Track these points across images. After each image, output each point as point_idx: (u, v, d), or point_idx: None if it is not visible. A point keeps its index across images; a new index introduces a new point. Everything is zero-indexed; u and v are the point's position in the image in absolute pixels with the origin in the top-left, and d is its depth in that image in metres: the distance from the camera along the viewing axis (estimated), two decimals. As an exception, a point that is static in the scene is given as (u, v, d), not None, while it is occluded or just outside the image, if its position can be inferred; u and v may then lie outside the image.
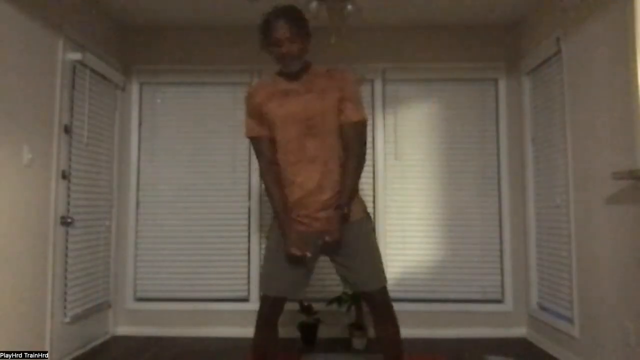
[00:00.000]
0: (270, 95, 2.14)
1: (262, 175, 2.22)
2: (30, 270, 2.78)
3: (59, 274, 3.07)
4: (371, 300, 2.18)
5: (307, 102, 2.09)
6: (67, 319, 3.16)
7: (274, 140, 2.15)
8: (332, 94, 2.09)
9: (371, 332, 3.64)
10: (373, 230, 2.23)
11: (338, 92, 2.10)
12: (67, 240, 3.19)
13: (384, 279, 2.16)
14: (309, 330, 3.55)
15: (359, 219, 2.14)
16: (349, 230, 2.10)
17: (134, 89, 4.02)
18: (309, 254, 2.05)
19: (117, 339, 3.71)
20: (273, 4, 2.28)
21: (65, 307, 3.16)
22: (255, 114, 2.16)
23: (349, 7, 3.08)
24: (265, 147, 2.17)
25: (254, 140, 2.20)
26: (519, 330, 3.78)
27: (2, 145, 2.54)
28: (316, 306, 3.65)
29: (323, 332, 3.70)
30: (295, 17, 2.10)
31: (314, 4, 3.05)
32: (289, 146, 2.11)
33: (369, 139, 3.88)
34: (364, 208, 2.21)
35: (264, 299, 2.17)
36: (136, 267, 3.91)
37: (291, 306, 3.75)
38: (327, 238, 2.05)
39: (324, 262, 2.27)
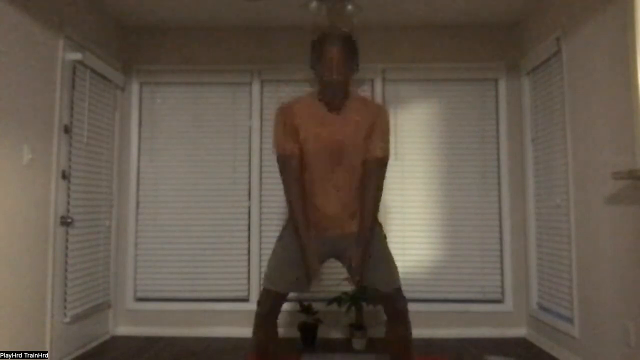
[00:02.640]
0: (308, 119, 2.14)
1: (287, 190, 2.17)
2: (30, 270, 2.78)
3: (59, 274, 3.07)
4: (385, 301, 2.20)
5: (341, 134, 2.13)
6: (67, 319, 3.16)
7: (302, 160, 2.17)
8: (365, 128, 2.14)
9: (371, 332, 3.64)
10: (385, 237, 2.25)
11: (370, 126, 2.14)
12: (67, 240, 3.19)
13: (397, 282, 2.19)
14: (309, 330, 3.55)
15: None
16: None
17: (134, 89, 4.02)
18: (319, 277, 2.15)
19: (117, 339, 3.71)
20: (272, 4, 2.27)
21: (65, 307, 3.16)
22: (292, 132, 2.14)
23: (349, 7, 3.08)
24: (296, 165, 2.15)
25: (286, 158, 2.16)
26: (519, 330, 3.78)
27: (2, 145, 2.54)
28: (316, 306, 3.65)
29: (323, 332, 3.71)
30: (351, 46, 2.12)
31: (314, 4, 3.05)
32: (318, 172, 2.15)
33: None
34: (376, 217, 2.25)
35: (268, 296, 2.18)
36: (136, 267, 3.91)
37: (291, 306, 3.75)
38: (351, 277, 2.15)
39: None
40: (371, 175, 2.14)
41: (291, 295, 2.45)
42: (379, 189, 2.16)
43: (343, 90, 2.11)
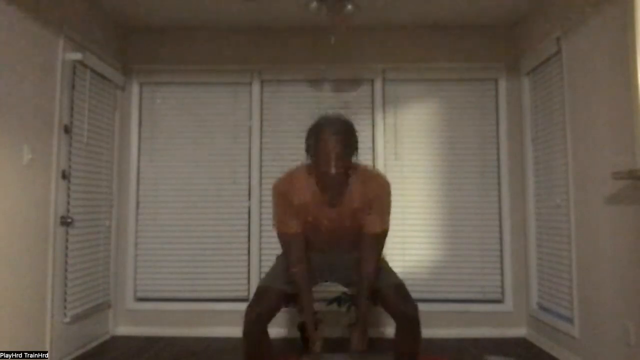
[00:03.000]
0: (305, 200, 2.12)
1: (293, 271, 2.16)
2: (30, 270, 2.78)
3: (59, 274, 3.07)
4: (401, 321, 2.19)
5: (339, 218, 2.13)
6: (67, 319, 3.16)
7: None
8: (363, 209, 2.13)
9: (371, 332, 3.63)
10: (386, 262, 2.33)
11: (368, 206, 2.12)
12: (67, 240, 3.18)
13: (414, 304, 2.19)
14: (309, 330, 3.54)
15: None
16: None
17: (134, 89, 4.02)
18: (319, 345, 2.25)
19: (117, 339, 3.71)
20: (272, 4, 2.27)
21: (65, 307, 3.16)
22: (293, 212, 2.13)
23: (349, 7, 3.08)
24: (300, 244, 2.16)
25: (290, 237, 2.16)
26: (519, 330, 3.78)
27: (2, 145, 2.54)
28: (316, 306, 3.64)
29: (323, 332, 3.70)
30: (349, 133, 2.04)
31: (314, 4, 3.05)
32: (317, 239, 2.22)
33: (369, 139, 3.93)
34: None
35: (264, 291, 2.20)
36: (136, 267, 3.91)
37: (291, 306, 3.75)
38: (353, 347, 2.22)
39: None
40: (369, 248, 2.15)
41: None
42: (376, 261, 2.16)
43: (340, 181, 2.04)
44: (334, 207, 2.12)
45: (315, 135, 2.03)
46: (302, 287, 2.14)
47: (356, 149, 2.08)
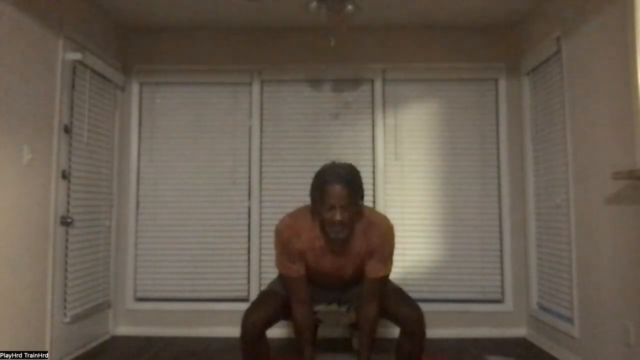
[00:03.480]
0: (308, 246, 2.13)
1: (294, 313, 2.18)
2: (30, 270, 2.78)
3: (59, 274, 3.07)
4: (410, 335, 2.20)
5: (342, 263, 2.15)
6: (67, 319, 3.16)
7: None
8: (365, 256, 2.14)
9: (371, 332, 3.64)
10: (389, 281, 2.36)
11: (371, 251, 2.14)
12: (67, 240, 3.18)
13: (422, 318, 2.18)
14: (309, 330, 3.55)
15: None
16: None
17: (134, 89, 4.02)
18: None
19: (117, 339, 3.71)
20: (272, 4, 2.28)
21: (65, 307, 3.16)
22: (295, 257, 2.14)
23: (349, 7, 3.08)
24: (302, 285, 2.17)
25: (292, 279, 2.17)
26: (519, 330, 3.78)
27: (2, 145, 2.54)
28: (316, 306, 3.65)
29: (323, 332, 3.70)
30: (354, 183, 2.04)
31: (314, 4, 3.05)
32: (320, 281, 2.26)
33: (369, 139, 3.93)
34: None
35: (265, 296, 2.25)
36: (136, 267, 3.91)
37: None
38: (355, 347, 2.25)
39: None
40: (370, 291, 2.16)
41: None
42: (377, 306, 2.17)
43: (346, 229, 2.04)
44: (337, 256, 2.14)
45: (320, 184, 2.03)
46: (303, 329, 2.16)
47: (361, 197, 2.08)
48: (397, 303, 2.19)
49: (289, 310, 2.23)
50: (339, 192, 1.96)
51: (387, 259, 2.17)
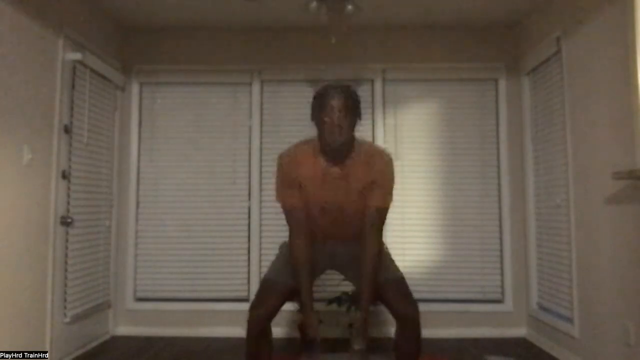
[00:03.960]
0: (309, 174, 2.12)
1: (291, 246, 2.17)
2: (30, 270, 2.78)
3: (59, 274, 3.07)
4: (403, 322, 2.20)
5: (342, 193, 2.13)
6: (67, 319, 3.16)
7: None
8: (366, 185, 2.13)
9: (371, 332, 3.63)
10: (392, 260, 2.31)
11: (372, 181, 2.13)
12: (67, 240, 3.18)
13: (415, 305, 2.20)
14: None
15: None
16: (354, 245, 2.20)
17: (134, 89, 4.02)
18: (318, 339, 2.28)
19: (117, 339, 3.71)
20: (272, 4, 2.29)
21: (65, 307, 3.16)
22: (294, 185, 2.13)
23: (349, 7, 3.08)
24: (300, 216, 2.15)
25: (290, 210, 2.16)
26: (519, 330, 3.78)
27: (2, 145, 2.54)
28: (316, 306, 3.64)
29: (323, 332, 3.69)
30: (352, 95, 2.10)
31: (314, 4, 3.05)
32: (319, 222, 2.19)
33: (368, 140, 3.93)
34: None
35: (267, 288, 2.23)
36: (136, 267, 3.91)
37: (291, 306, 3.74)
38: (355, 347, 2.24)
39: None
40: (369, 222, 2.13)
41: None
42: (378, 244, 2.15)
43: (344, 136, 2.05)
44: (338, 183, 2.12)
45: (320, 95, 2.08)
46: (300, 262, 2.13)
47: (359, 116, 2.12)
48: (396, 297, 2.19)
49: (291, 296, 2.26)
50: (337, 100, 2.03)
51: (388, 188, 2.16)
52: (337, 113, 2.01)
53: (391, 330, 3.59)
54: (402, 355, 2.24)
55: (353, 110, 2.06)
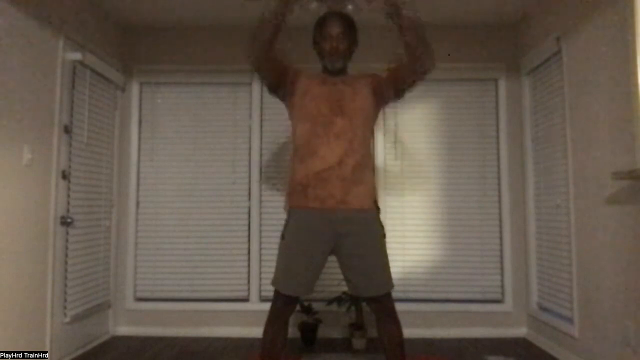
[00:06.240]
0: (310, 77, 2.28)
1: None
2: (30, 270, 2.78)
3: (59, 274, 3.07)
4: (377, 304, 2.18)
5: (340, 88, 2.24)
6: (67, 319, 3.16)
7: (302, 110, 2.23)
8: (364, 83, 2.26)
9: (371, 332, 3.64)
10: (384, 235, 2.22)
11: (370, 82, 2.28)
12: (67, 240, 3.19)
13: (392, 284, 2.17)
14: (309, 330, 3.55)
15: (366, 209, 2.17)
16: (359, 225, 2.14)
17: (134, 89, 4.02)
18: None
19: (117, 339, 3.72)
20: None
21: (65, 307, 3.16)
22: (289, 71, 2.27)
23: (349, 7, 3.08)
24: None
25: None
26: (519, 330, 3.78)
27: (2, 145, 2.54)
28: (316, 306, 3.65)
29: (323, 332, 3.71)
30: (349, 20, 2.30)
31: (314, 4, 3.05)
32: (319, 119, 2.18)
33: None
34: (375, 199, 2.24)
35: (278, 296, 2.18)
36: (136, 267, 3.91)
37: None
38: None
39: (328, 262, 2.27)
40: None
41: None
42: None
43: (342, 58, 2.25)
44: (337, 79, 2.26)
45: (319, 22, 2.29)
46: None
47: (356, 40, 2.32)
48: (375, 269, 2.15)
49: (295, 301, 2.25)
50: (338, 22, 2.23)
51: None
52: (336, 38, 2.21)
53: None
54: (390, 347, 2.22)
55: (350, 29, 2.27)
